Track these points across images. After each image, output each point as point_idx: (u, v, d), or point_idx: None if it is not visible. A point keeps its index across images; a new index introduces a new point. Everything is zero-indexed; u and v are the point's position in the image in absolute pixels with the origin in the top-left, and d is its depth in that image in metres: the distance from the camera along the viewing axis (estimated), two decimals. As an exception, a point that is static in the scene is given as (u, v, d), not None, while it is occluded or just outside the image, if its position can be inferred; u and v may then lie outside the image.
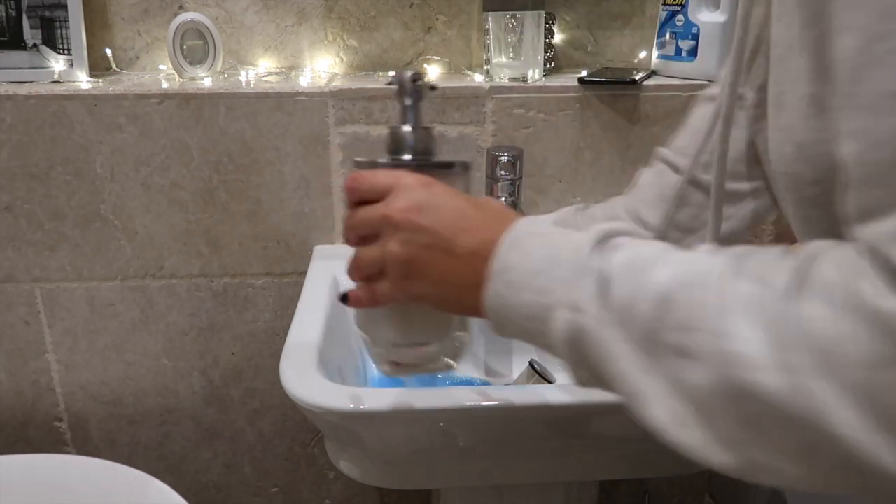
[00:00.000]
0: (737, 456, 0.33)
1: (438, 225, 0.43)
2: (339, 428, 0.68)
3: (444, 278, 0.43)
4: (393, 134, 0.50)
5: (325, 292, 0.86)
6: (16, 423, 1.06)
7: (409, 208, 0.43)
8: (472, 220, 0.43)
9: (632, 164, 0.98)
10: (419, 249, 0.43)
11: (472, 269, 0.42)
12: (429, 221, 0.43)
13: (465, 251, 0.42)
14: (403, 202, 0.44)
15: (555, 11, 0.99)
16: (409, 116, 0.50)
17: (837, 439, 0.29)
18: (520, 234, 0.41)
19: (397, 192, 0.44)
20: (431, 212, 0.43)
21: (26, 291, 0.99)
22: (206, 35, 0.95)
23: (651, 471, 0.91)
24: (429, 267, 0.43)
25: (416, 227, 0.43)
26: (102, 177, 0.94)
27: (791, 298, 0.30)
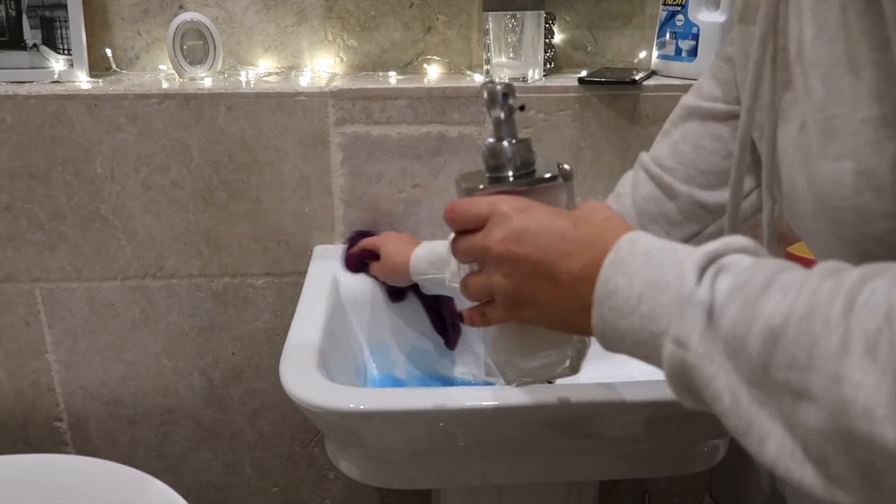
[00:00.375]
0: (852, 496, 0.31)
1: (538, 253, 0.42)
2: (339, 428, 0.68)
3: (551, 304, 0.43)
4: (491, 150, 0.49)
5: (325, 292, 0.86)
6: (16, 423, 1.06)
7: (506, 239, 0.43)
8: (573, 242, 0.42)
9: (632, 164, 0.98)
10: (522, 280, 0.43)
11: (578, 294, 0.41)
12: (528, 251, 0.43)
13: (567, 277, 0.42)
14: (501, 233, 0.44)
15: (555, 11, 0.99)
16: (503, 130, 0.49)
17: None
18: (623, 254, 0.40)
19: (494, 222, 0.44)
20: (530, 240, 0.43)
21: (26, 291, 0.99)
22: (206, 35, 0.95)
23: (651, 471, 0.91)
24: (535, 295, 0.43)
25: (515, 257, 0.43)
26: (102, 177, 0.94)
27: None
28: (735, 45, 0.57)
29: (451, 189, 0.97)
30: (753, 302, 0.34)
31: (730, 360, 0.34)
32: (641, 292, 0.38)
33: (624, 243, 0.41)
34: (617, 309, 0.39)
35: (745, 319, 0.33)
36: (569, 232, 0.43)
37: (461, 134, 0.95)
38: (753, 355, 0.33)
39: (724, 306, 0.35)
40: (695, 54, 0.95)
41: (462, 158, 0.96)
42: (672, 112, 0.65)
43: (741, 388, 0.34)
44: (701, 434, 0.75)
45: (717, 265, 0.37)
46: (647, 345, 0.38)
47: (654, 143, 0.67)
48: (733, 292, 0.35)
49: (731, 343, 0.34)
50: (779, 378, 0.32)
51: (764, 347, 0.32)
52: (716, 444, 0.76)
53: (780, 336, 0.32)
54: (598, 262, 0.41)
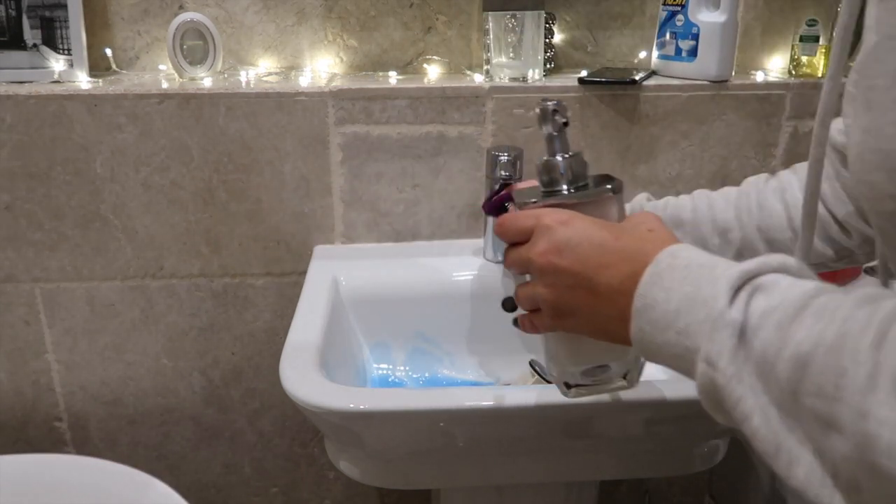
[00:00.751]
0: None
1: (578, 265, 0.44)
2: (339, 428, 0.68)
3: (591, 314, 0.44)
4: (544, 165, 0.51)
5: (325, 292, 0.86)
6: (16, 423, 1.06)
7: (548, 251, 0.45)
8: (613, 253, 0.43)
9: (632, 164, 0.98)
10: (563, 291, 0.45)
11: (616, 306, 0.42)
12: (568, 262, 0.44)
13: (606, 289, 0.43)
14: (543, 245, 0.45)
15: (555, 11, 0.99)
16: (556, 146, 0.51)
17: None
18: (662, 267, 0.41)
19: (538, 235, 0.46)
20: (571, 252, 0.44)
21: (26, 291, 0.99)
22: (206, 35, 0.95)
23: (651, 471, 0.91)
24: (576, 305, 0.45)
25: (557, 269, 0.45)
26: (102, 177, 0.94)
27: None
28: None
29: (450, 189, 0.98)
30: (786, 325, 0.34)
31: (760, 382, 0.35)
32: (678, 308, 0.39)
33: (664, 257, 0.41)
34: (654, 322, 0.40)
35: (777, 343, 0.34)
36: (609, 244, 0.44)
37: (461, 134, 0.95)
38: (783, 380, 0.33)
39: (756, 328, 0.35)
40: (695, 54, 0.95)
41: (462, 158, 0.96)
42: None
43: (771, 410, 0.34)
44: (701, 434, 0.75)
45: (753, 285, 0.37)
46: (683, 359, 0.39)
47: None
48: (767, 314, 0.35)
49: (762, 365, 0.34)
50: (807, 405, 0.32)
51: (793, 373, 0.33)
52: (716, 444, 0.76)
53: (808, 363, 0.32)
54: (637, 274, 0.41)
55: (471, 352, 0.93)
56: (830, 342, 0.32)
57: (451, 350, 0.92)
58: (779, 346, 0.33)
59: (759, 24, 1.03)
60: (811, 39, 0.99)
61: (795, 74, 1.00)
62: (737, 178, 1.00)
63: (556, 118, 0.50)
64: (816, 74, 0.99)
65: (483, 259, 0.94)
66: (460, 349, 0.92)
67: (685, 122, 0.97)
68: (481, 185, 0.97)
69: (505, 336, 0.93)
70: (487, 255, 0.94)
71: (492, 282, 0.92)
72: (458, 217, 0.99)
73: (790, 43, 1.02)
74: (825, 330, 0.32)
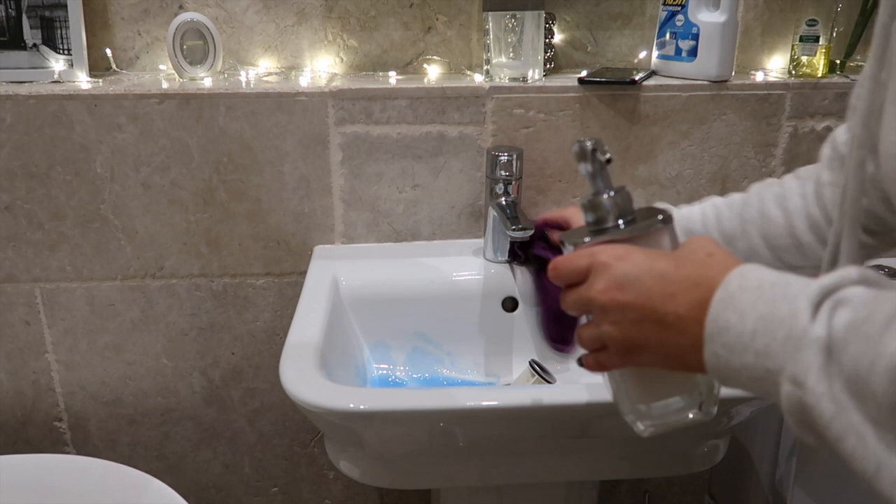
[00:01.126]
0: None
1: (643, 298, 0.43)
2: (339, 428, 0.68)
3: (662, 346, 0.43)
4: (589, 204, 0.50)
5: (325, 292, 0.86)
6: (16, 423, 1.06)
7: (609, 288, 0.44)
8: (676, 282, 0.42)
9: (632, 164, 0.98)
10: (631, 327, 0.44)
11: (687, 334, 0.42)
12: (632, 297, 0.43)
13: (675, 318, 0.42)
14: (603, 283, 0.44)
15: (555, 11, 0.99)
16: (599, 183, 0.50)
17: None
18: (732, 290, 0.40)
19: (595, 273, 0.45)
20: (633, 286, 0.43)
21: (26, 291, 0.99)
22: (206, 35, 0.95)
23: (651, 471, 0.91)
24: (646, 340, 0.44)
25: (621, 305, 0.44)
26: (102, 177, 0.94)
27: None
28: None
29: (450, 189, 0.98)
30: (877, 338, 0.33)
31: (853, 400, 0.34)
32: (755, 329, 0.38)
33: (733, 278, 0.40)
34: (730, 346, 0.39)
35: (868, 356, 0.33)
36: (670, 273, 0.43)
37: (461, 134, 0.95)
38: (879, 394, 0.32)
39: (844, 342, 0.34)
40: (695, 54, 0.95)
41: (462, 158, 0.96)
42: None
43: (867, 428, 0.33)
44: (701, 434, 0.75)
45: (834, 299, 0.36)
46: (764, 381, 0.38)
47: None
48: (853, 328, 0.34)
49: (854, 381, 0.33)
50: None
51: (891, 386, 0.32)
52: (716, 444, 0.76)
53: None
54: (706, 300, 0.41)
55: (471, 352, 0.93)
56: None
57: (451, 350, 0.92)
58: (871, 359, 0.32)
59: (759, 24, 1.03)
60: (811, 39, 0.99)
61: (795, 74, 1.00)
62: (737, 178, 1.00)
63: (597, 156, 0.49)
64: (816, 74, 0.99)
65: (483, 259, 0.94)
66: (460, 349, 0.92)
67: (685, 122, 0.97)
68: (481, 185, 0.97)
69: (505, 336, 0.93)
70: (487, 255, 0.94)
71: (492, 282, 0.92)
72: (458, 217, 0.99)
73: (790, 43, 1.02)
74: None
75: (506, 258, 0.93)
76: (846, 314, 0.35)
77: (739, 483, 1.08)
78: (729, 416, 0.72)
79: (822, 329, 0.35)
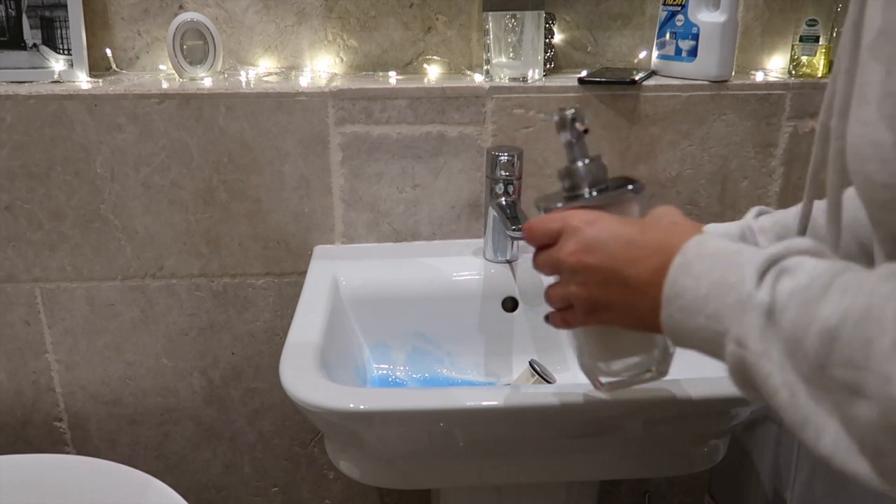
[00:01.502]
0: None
1: (608, 262, 0.46)
2: (339, 428, 0.68)
3: (625, 308, 0.46)
4: (565, 171, 0.54)
5: (325, 292, 0.86)
6: (16, 423, 1.06)
7: (578, 251, 0.47)
8: (641, 248, 0.45)
9: (632, 164, 0.98)
10: (596, 287, 0.47)
11: (649, 297, 0.44)
12: (598, 260, 0.46)
13: (637, 282, 0.45)
14: (572, 245, 0.48)
15: (555, 11, 0.99)
16: (575, 152, 0.53)
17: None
18: (690, 257, 0.42)
19: (566, 236, 0.48)
20: (600, 249, 0.46)
21: (26, 291, 0.99)
22: (206, 35, 0.95)
23: (651, 471, 0.91)
24: (610, 301, 0.47)
25: (588, 267, 0.47)
26: (102, 177, 0.94)
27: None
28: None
29: (450, 189, 0.98)
30: (814, 303, 0.35)
31: (788, 359, 0.36)
32: (708, 293, 0.40)
33: (691, 246, 0.43)
34: (684, 309, 0.42)
35: (804, 320, 0.35)
36: (636, 239, 0.46)
37: (461, 134, 0.95)
38: (811, 355, 0.35)
39: (784, 307, 0.37)
40: (695, 54, 0.95)
41: (462, 158, 0.96)
42: None
43: (799, 385, 0.36)
44: (701, 434, 0.75)
45: (780, 267, 0.38)
46: (712, 343, 0.41)
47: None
48: (794, 294, 0.36)
49: (791, 343, 0.36)
50: (835, 376, 0.33)
51: (821, 348, 0.34)
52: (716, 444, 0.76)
53: (836, 337, 0.33)
54: (666, 265, 0.43)
55: (471, 352, 0.93)
56: (857, 315, 0.33)
57: (451, 350, 0.92)
58: (807, 322, 0.35)
59: (759, 24, 1.03)
60: (811, 39, 0.99)
61: (795, 74, 1.00)
62: (737, 178, 1.00)
63: (576, 125, 0.52)
64: (816, 74, 0.99)
65: (483, 259, 0.94)
66: (460, 349, 0.92)
67: (685, 122, 0.97)
68: (481, 185, 0.97)
69: (505, 336, 0.93)
70: (487, 255, 0.94)
71: (492, 282, 0.92)
72: (458, 217, 0.99)
73: (790, 43, 1.03)
74: (851, 304, 0.33)
75: (506, 258, 0.93)
76: (789, 282, 0.37)
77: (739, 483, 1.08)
78: (729, 416, 0.72)
79: (766, 295, 0.37)
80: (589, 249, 0.47)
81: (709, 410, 0.70)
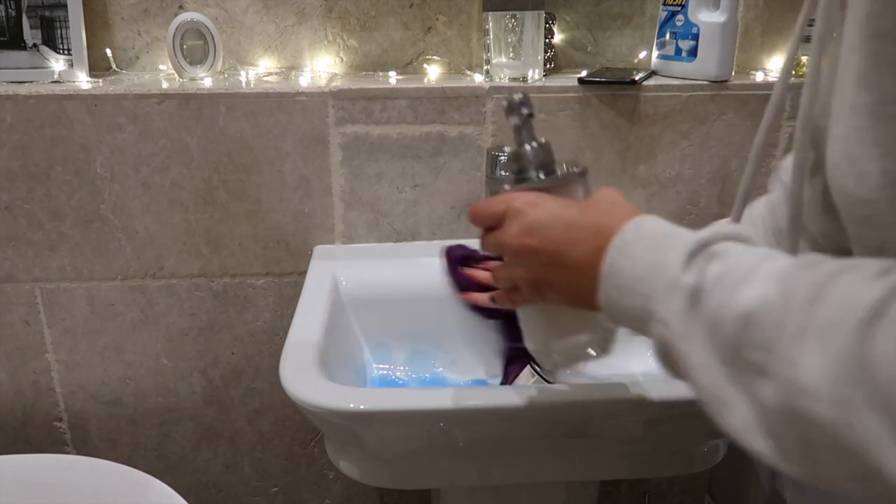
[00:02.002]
0: (800, 468, 0.35)
1: (550, 244, 0.47)
2: (339, 428, 0.68)
3: (567, 287, 0.48)
4: (513, 154, 0.54)
5: (325, 292, 0.86)
6: (16, 423, 1.06)
7: (521, 233, 0.48)
8: (581, 230, 0.47)
9: (632, 164, 0.98)
10: (539, 268, 0.48)
11: (588, 277, 0.45)
12: (540, 242, 0.48)
13: (577, 263, 0.46)
14: (516, 228, 0.49)
15: (555, 11, 0.99)
16: (523, 136, 0.54)
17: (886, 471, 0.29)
18: (628, 238, 0.44)
19: (510, 219, 0.50)
20: (541, 232, 0.48)
21: (26, 291, 0.99)
22: (206, 35, 0.95)
23: (651, 471, 0.91)
24: (552, 281, 0.48)
25: (530, 249, 0.48)
26: (102, 177, 0.94)
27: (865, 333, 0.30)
28: None
29: (450, 189, 0.98)
30: (736, 288, 0.37)
31: (708, 341, 0.38)
32: (643, 274, 0.42)
33: (630, 228, 0.44)
34: (620, 288, 0.43)
35: (726, 304, 0.37)
36: (577, 221, 0.47)
37: (461, 134, 0.95)
38: (729, 337, 0.36)
39: (710, 291, 0.38)
40: (695, 54, 0.95)
41: (462, 158, 0.96)
42: None
43: (715, 366, 0.37)
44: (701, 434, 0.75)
45: (709, 252, 0.40)
46: (642, 322, 0.43)
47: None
48: (719, 279, 0.38)
49: (711, 325, 0.37)
50: (748, 358, 0.35)
51: (738, 331, 0.36)
52: (716, 444, 0.76)
53: (751, 321, 0.35)
54: (604, 247, 0.44)
55: (471, 352, 0.92)
56: (772, 301, 0.35)
57: (451, 350, 0.92)
58: (728, 306, 0.37)
59: (759, 24, 1.03)
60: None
61: (795, 75, 1.00)
62: (737, 178, 1.00)
63: (523, 110, 0.54)
64: (816, 74, 0.99)
65: (483, 259, 0.94)
66: (460, 349, 0.92)
67: (685, 122, 0.97)
68: (481, 185, 0.97)
69: (505, 336, 0.93)
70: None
71: (492, 282, 0.92)
72: (458, 217, 0.99)
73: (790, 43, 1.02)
74: (768, 290, 0.35)
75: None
76: (716, 266, 0.39)
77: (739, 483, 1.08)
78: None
79: (692, 278, 0.39)
80: (531, 232, 0.48)
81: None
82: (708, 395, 0.38)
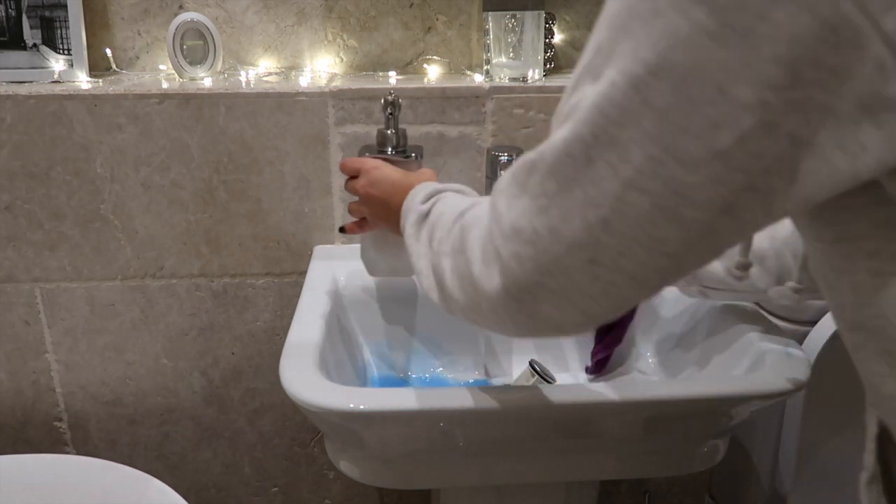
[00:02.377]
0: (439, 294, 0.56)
1: (382, 194, 0.72)
2: (339, 428, 0.68)
3: (390, 220, 0.70)
4: (378, 134, 0.83)
5: (325, 292, 0.86)
6: (16, 423, 1.06)
7: (366, 185, 0.74)
8: (402, 187, 0.69)
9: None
10: (377, 209, 0.73)
11: (398, 215, 0.67)
12: (377, 192, 0.73)
13: (396, 207, 0.68)
14: (363, 181, 0.74)
15: (555, 11, 0.99)
16: (390, 123, 0.82)
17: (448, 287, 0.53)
18: (414, 192, 0.66)
19: (362, 174, 0.75)
20: (378, 186, 0.73)
21: (26, 291, 0.99)
22: (206, 35, 0.95)
23: (651, 471, 0.91)
24: (384, 216, 0.72)
25: (371, 197, 0.73)
26: (102, 177, 0.94)
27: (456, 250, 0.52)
28: None
29: (451, 189, 0.97)
30: (442, 212, 0.58)
31: (426, 237, 0.59)
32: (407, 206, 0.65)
33: (419, 189, 0.66)
34: (405, 219, 0.64)
35: (433, 219, 0.59)
36: (400, 182, 0.71)
37: (461, 134, 0.95)
38: (431, 234, 0.58)
39: (432, 213, 0.60)
40: (695, 54, 0.95)
41: (462, 158, 0.96)
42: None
43: (425, 254, 0.58)
44: (701, 434, 0.75)
45: (439, 196, 0.63)
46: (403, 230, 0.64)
47: None
48: (437, 209, 0.60)
49: (430, 231, 0.58)
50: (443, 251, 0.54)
51: (433, 232, 0.57)
52: (716, 444, 0.76)
53: (436, 226, 0.57)
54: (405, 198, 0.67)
55: (471, 352, 0.93)
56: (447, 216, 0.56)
57: (451, 350, 0.92)
58: (434, 221, 0.58)
59: (759, 24, 1.03)
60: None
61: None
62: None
63: (394, 106, 0.81)
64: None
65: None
66: (460, 349, 0.92)
67: (685, 122, 0.96)
68: (481, 186, 0.97)
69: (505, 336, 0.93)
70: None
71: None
72: (458, 217, 0.99)
73: (790, 43, 1.02)
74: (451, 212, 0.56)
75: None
76: (440, 204, 0.60)
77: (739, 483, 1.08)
78: (729, 415, 0.72)
79: (426, 207, 0.62)
80: (372, 185, 0.73)
81: (709, 410, 0.70)
82: (417, 271, 0.59)
